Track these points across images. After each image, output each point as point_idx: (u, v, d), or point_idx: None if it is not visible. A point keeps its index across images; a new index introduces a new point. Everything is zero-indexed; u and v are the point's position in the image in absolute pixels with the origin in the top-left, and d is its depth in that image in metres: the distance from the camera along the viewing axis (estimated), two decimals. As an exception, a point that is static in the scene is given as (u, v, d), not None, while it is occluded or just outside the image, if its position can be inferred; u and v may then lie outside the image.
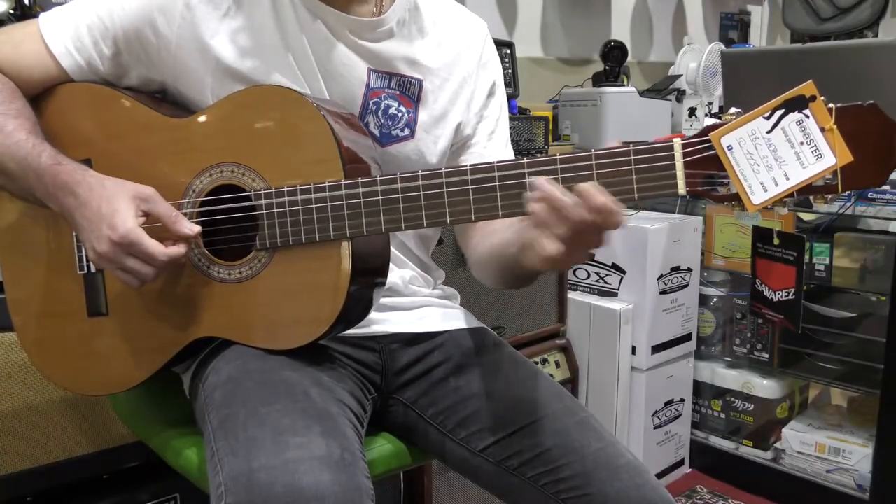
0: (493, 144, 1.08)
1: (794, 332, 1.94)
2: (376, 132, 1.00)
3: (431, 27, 1.04)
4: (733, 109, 0.76)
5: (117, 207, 0.86)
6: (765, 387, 2.11)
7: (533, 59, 2.69)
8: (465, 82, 1.05)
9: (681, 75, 2.53)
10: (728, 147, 0.75)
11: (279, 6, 0.95)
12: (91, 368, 1.00)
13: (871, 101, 0.72)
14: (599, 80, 2.41)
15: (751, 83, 1.90)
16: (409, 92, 1.01)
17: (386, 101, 1.00)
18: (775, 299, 1.87)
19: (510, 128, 1.15)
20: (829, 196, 0.75)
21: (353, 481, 0.78)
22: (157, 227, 0.88)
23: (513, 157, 1.07)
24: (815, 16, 2.83)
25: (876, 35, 2.77)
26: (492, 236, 0.98)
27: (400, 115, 1.00)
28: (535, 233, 0.76)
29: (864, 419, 2.02)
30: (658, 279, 2.04)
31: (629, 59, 2.40)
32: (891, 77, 1.63)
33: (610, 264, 2.07)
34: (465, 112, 1.06)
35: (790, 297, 1.84)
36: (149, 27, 0.94)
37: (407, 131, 1.01)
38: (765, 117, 0.74)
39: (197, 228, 0.90)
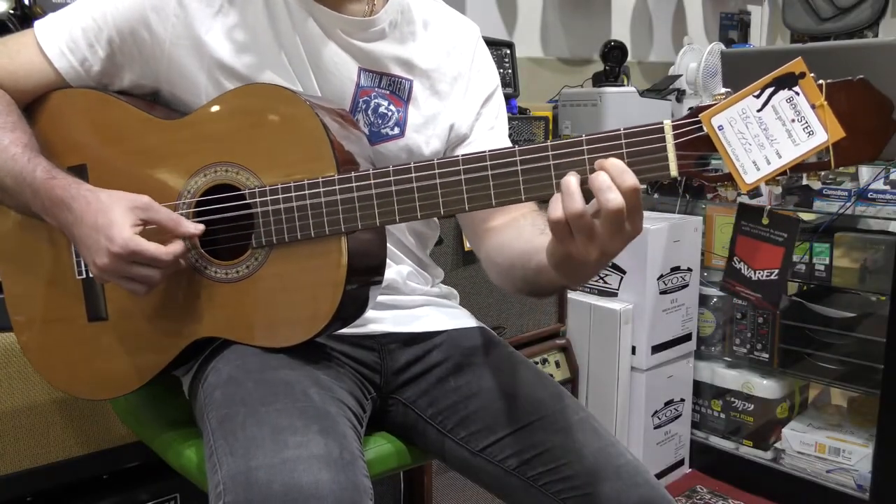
0: (493, 136, 1.08)
1: (791, 324, 1.94)
2: (366, 130, 1.00)
3: (423, 30, 1.04)
4: (723, 89, 0.76)
5: (113, 219, 0.86)
6: (765, 387, 2.10)
7: (533, 59, 2.69)
8: (455, 83, 1.05)
9: (681, 75, 2.53)
10: (719, 127, 0.74)
11: (272, 4, 0.96)
12: (92, 373, 1.00)
13: (861, 76, 0.72)
14: (599, 80, 2.41)
15: (751, 83, 1.89)
16: (399, 92, 1.02)
17: (376, 100, 1.00)
18: (754, 278, 1.86)
19: (510, 128, 1.15)
20: (823, 173, 0.75)
21: (352, 480, 0.78)
22: (155, 232, 0.88)
23: None
24: (815, 16, 2.83)
25: (876, 35, 2.76)
26: (518, 241, 0.94)
27: (390, 114, 1.01)
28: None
29: (864, 419, 2.02)
30: (658, 279, 2.04)
31: (629, 59, 2.40)
32: (891, 77, 1.62)
33: (610, 264, 2.07)
34: (459, 113, 1.06)
35: (772, 277, 1.82)
36: (143, 26, 0.94)
37: (397, 130, 1.01)
38: (755, 96, 0.73)
39: (200, 227, 0.90)
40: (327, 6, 0.96)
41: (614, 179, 0.73)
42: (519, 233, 0.95)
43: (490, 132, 1.08)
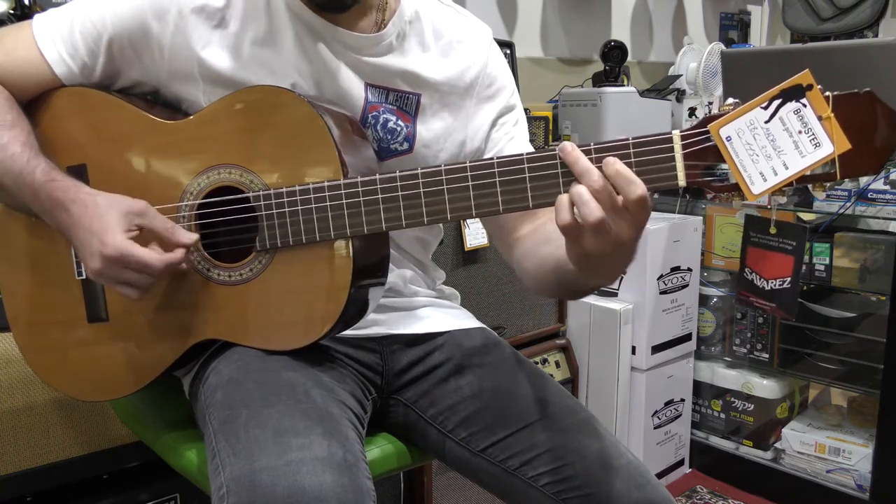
0: (514, 146, 1.06)
1: (791, 324, 1.94)
2: (374, 146, 0.99)
3: (433, 40, 1.02)
4: (731, 100, 0.76)
5: (108, 223, 0.86)
6: (765, 387, 2.11)
7: (533, 59, 2.69)
8: (467, 94, 1.03)
9: (681, 75, 2.53)
10: (727, 138, 0.75)
11: (276, 19, 0.94)
12: (93, 374, 1.00)
13: (868, 89, 0.72)
14: (599, 80, 2.41)
15: (751, 83, 1.89)
16: (406, 107, 1.00)
17: (384, 116, 0.99)
18: (767, 288, 1.87)
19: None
20: (828, 184, 0.76)
21: (355, 482, 0.78)
22: (154, 238, 0.88)
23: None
24: (815, 16, 2.83)
25: (876, 35, 2.76)
26: (547, 245, 0.93)
27: (398, 129, 0.99)
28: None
29: (864, 419, 2.03)
30: (658, 279, 2.04)
31: (629, 59, 2.40)
32: (891, 77, 1.63)
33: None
34: (471, 126, 1.04)
35: (785, 285, 1.83)
36: (142, 33, 0.93)
37: (406, 145, 1.00)
38: (762, 107, 0.74)
39: (194, 236, 0.90)
40: (335, 23, 0.95)
41: (613, 180, 0.74)
42: (546, 237, 0.94)
43: (511, 142, 1.06)
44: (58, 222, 0.90)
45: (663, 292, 2.06)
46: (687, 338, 2.16)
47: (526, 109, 2.03)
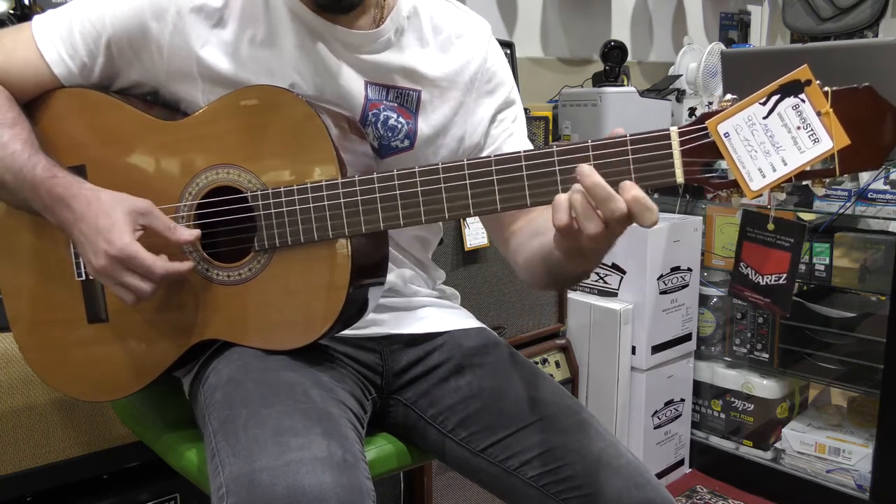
0: (513, 143, 1.06)
1: (791, 324, 1.95)
2: (375, 144, 0.99)
3: (431, 36, 1.02)
4: (729, 96, 0.76)
5: (114, 221, 0.86)
6: (765, 387, 2.11)
7: (533, 59, 2.69)
8: (467, 90, 1.03)
9: (681, 75, 2.53)
10: (725, 134, 0.74)
11: (275, 20, 0.94)
12: (93, 374, 1.00)
13: (867, 84, 0.72)
14: (599, 80, 2.41)
15: (751, 83, 1.89)
16: (408, 104, 1.00)
17: (385, 113, 0.99)
18: (762, 283, 1.87)
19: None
20: (828, 180, 0.75)
21: (355, 482, 0.78)
22: (157, 240, 0.88)
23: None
24: (815, 16, 2.82)
25: (876, 35, 2.76)
26: (537, 237, 0.94)
27: (399, 126, 0.99)
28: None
29: (864, 419, 2.02)
30: (658, 279, 2.04)
31: (629, 59, 2.40)
32: (891, 77, 1.62)
33: (610, 264, 2.07)
34: (471, 122, 1.04)
35: (780, 281, 1.83)
36: (141, 33, 0.93)
37: (407, 142, 1.00)
38: (761, 103, 0.74)
39: (196, 233, 0.90)
40: (333, 22, 0.94)
41: (623, 194, 0.73)
42: (536, 230, 0.95)
43: (510, 139, 1.05)
44: (59, 219, 0.90)
45: (663, 292, 2.06)
46: (687, 338, 2.16)
47: (526, 109, 2.03)
